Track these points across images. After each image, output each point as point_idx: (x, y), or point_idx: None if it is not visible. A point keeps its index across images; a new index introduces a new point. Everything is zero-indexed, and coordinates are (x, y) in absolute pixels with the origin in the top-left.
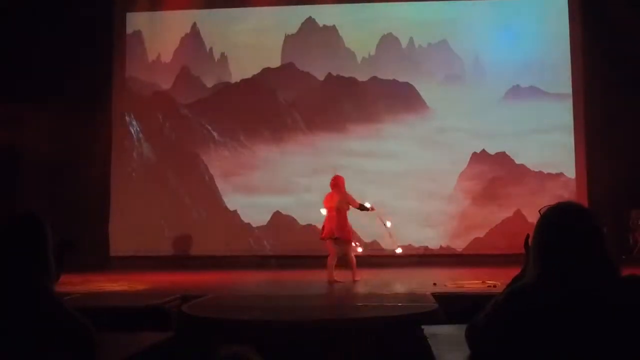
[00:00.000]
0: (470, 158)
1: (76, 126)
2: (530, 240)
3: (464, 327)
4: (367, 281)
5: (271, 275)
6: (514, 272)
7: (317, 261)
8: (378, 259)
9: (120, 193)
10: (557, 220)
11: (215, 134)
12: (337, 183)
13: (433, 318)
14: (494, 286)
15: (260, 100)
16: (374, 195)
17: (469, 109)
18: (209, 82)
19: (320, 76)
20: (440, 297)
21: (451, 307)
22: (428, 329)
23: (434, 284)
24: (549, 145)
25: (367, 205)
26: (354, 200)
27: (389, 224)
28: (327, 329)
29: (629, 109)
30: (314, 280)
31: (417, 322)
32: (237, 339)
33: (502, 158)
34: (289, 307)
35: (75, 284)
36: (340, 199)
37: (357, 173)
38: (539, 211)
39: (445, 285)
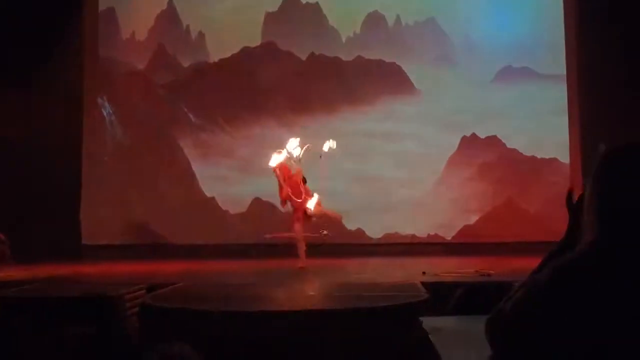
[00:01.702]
0: (460, 142)
1: (45, 109)
2: (576, 196)
3: (470, 318)
4: (351, 270)
5: (250, 265)
6: (507, 261)
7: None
8: (361, 247)
9: (92, 179)
10: (630, 166)
11: (192, 116)
12: None
13: (424, 308)
14: (488, 275)
15: (240, 81)
16: (357, 181)
17: (458, 90)
18: (186, 62)
19: (303, 56)
20: (430, 287)
21: (442, 297)
22: (428, 322)
23: (423, 272)
24: (542, 128)
25: None
26: None
27: None
28: (305, 321)
29: (626, 91)
30: (294, 269)
31: (407, 312)
32: (200, 331)
33: (493, 142)
34: (263, 297)
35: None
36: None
37: (339, 157)
38: (599, 148)
39: (435, 275)
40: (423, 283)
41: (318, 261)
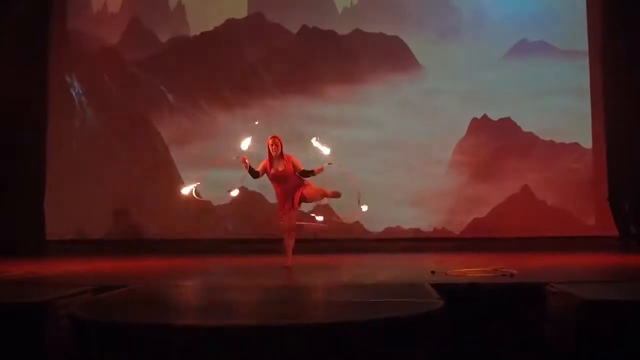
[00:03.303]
0: (470, 125)
1: (5, 88)
2: None
3: None
4: (348, 270)
5: (232, 262)
6: (523, 258)
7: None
8: (359, 243)
9: (58, 166)
10: None
11: (170, 96)
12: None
13: (440, 319)
14: (511, 275)
15: (223, 58)
16: (356, 169)
17: (468, 67)
18: (164, 36)
19: (294, 29)
20: (441, 289)
21: (455, 301)
22: None
23: (432, 272)
24: (561, 110)
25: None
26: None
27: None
28: (285, 339)
29: None
30: (280, 268)
31: (420, 325)
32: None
33: (507, 125)
34: (230, 305)
35: None
36: (295, 163)
37: (335, 142)
38: None
39: (445, 274)
40: (433, 285)
41: (309, 259)
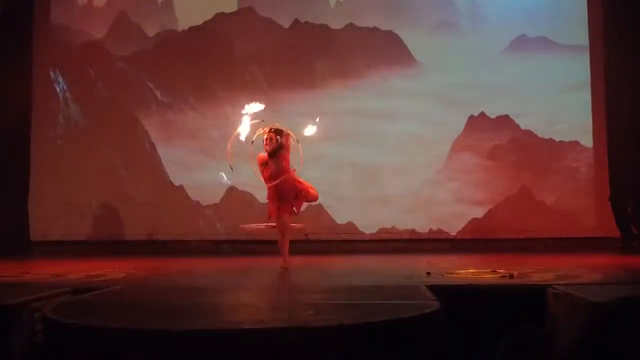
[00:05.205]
0: (466, 122)
1: None
2: None
3: None
4: (339, 271)
5: (223, 264)
6: (521, 259)
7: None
8: (353, 244)
9: (43, 164)
10: None
11: (157, 93)
12: None
13: (435, 321)
14: (511, 276)
15: (213, 53)
16: (347, 167)
17: (465, 63)
18: (151, 31)
19: (285, 23)
20: (438, 291)
21: (452, 303)
22: None
23: (428, 273)
24: (561, 107)
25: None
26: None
27: None
28: (271, 343)
29: None
30: (274, 269)
31: (415, 328)
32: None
33: (505, 122)
34: (215, 308)
35: None
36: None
37: (327, 139)
38: None
39: (441, 276)
40: (428, 286)
41: (302, 259)
